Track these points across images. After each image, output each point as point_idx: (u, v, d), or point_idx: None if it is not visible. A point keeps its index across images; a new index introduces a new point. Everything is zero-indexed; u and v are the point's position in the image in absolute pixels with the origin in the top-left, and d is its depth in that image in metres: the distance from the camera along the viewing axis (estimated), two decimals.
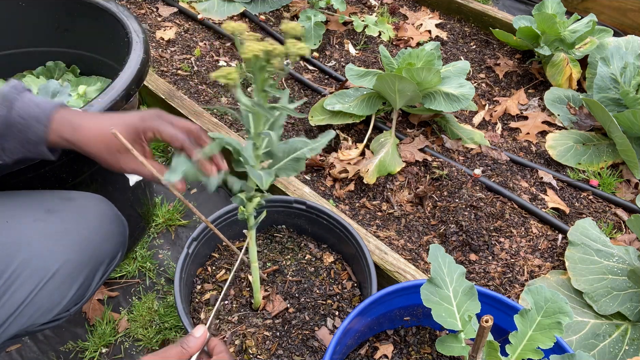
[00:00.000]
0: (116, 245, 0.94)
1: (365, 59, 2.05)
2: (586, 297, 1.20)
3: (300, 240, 1.26)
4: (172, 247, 1.45)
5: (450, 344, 0.82)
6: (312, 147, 0.85)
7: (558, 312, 0.80)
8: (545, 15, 1.81)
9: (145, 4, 2.24)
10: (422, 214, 1.49)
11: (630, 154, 1.55)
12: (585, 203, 1.52)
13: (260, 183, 0.77)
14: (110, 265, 0.94)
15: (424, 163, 1.58)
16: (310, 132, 1.73)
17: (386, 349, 1.04)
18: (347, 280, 1.19)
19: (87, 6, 1.25)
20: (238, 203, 0.88)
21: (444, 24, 2.27)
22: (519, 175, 1.60)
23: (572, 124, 1.76)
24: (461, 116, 1.83)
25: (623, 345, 1.14)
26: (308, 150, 0.85)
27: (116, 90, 1.00)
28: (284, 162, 0.85)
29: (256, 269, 1.02)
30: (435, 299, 0.86)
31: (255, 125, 0.77)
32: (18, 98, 0.77)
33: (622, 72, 1.67)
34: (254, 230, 0.94)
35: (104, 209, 0.95)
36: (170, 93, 1.65)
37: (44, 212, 0.86)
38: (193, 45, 2.04)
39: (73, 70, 1.38)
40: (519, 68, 2.02)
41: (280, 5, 2.26)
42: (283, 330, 1.09)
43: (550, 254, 1.37)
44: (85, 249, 0.86)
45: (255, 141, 0.79)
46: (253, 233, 0.95)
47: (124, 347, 1.25)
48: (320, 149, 0.86)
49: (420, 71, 1.50)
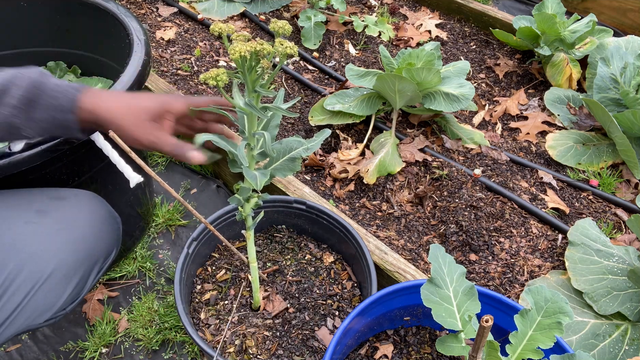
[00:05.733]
0: (110, 242, 0.93)
1: (365, 59, 2.05)
2: (586, 297, 1.20)
3: (300, 240, 1.26)
4: (172, 247, 1.46)
5: (451, 344, 0.82)
6: (307, 147, 0.85)
7: (558, 312, 0.80)
8: (545, 16, 1.81)
9: (145, 4, 2.24)
10: (422, 214, 1.49)
11: (630, 154, 1.55)
12: (585, 203, 1.52)
13: (255, 184, 0.77)
14: (105, 262, 0.93)
15: (424, 163, 1.58)
16: (310, 132, 1.73)
17: (386, 349, 1.04)
18: (347, 280, 1.19)
19: (88, 7, 1.25)
20: (235, 203, 0.88)
21: (444, 24, 2.27)
22: (519, 175, 1.60)
23: (572, 124, 1.76)
24: (461, 116, 1.83)
25: (623, 345, 1.14)
26: (303, 150, 0.85)
27: None
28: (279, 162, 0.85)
29: (255, 269, 1.02)
30: (436, 299, 0.86)
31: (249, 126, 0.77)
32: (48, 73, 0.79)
33: (622, 72, 1.67)
34: (252, 230, 0.94)
35: (96, 207, 0.94)
36: (170, 93, 1.65)
37: (34, 214, 0.85)
38: (193, 45, 2.04)
39: (74, 70, 1.38)
40: (519, 68, 2.03)
41: (280, 5, 2.26)
42: (283, 330, 1.09)
43: (550, 254, 1.37)
44: (79, 249, 0.86)
45: (249, 141, 0.79)
46: (251, 233, 0.95)
47: (124, 347, 1.25)
48: (315, 148, 0.86)
49: (420, 71, 1.50)
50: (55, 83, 0.78)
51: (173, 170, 1.66)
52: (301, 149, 0.85)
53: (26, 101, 0.75)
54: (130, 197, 1.28)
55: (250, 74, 0.69)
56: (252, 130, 0.77)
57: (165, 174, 1.65)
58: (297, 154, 0.85)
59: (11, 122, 0.76)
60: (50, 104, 0.77)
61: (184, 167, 1.68)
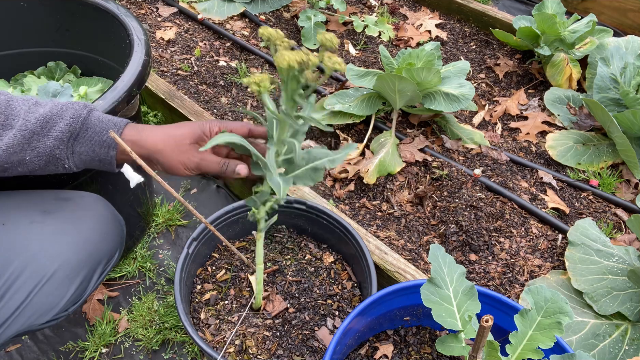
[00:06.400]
0: (114, 244, 0.94)
1: (365, 59, 2.05)
2: (586, 297, 1.20)
3: (300, 240, 1.26)
4: (172, 247, 1.46)
5: (451, 344, 0.82)
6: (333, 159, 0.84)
7: (558, 312, 0.80)
8: (545, 16, 1.81)
9: (145, 4, 2.24)
10: (422, 214, 1.49)
11: (630, 154, 1.55)
12: (585, 203, 1.52)
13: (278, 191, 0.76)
14: (108, 264, 0.94)
15: (424, 163, 1.58)
16: (310, 132, 1.73)
17: (386, 349, 1.04)
18: (347, 280, 1.19)
19: (88, 7, 1.25)
20: (251, 205, 0.88)
21: (444, 24, 2.27)
22: (519, 175, 1.60)
23: (572, 124, 1.76)
24: (461, 116, 1.83)
25: (623, 345, 1.14)
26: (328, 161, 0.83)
27: (117, 92, 1.00)
28: (301, 169, 0.83)
29: (261, 271, 1.02)
30: (436, 299, 0.86)
31: (280, 132, 0.77)
32: (93, 107, 0.81)
33: (622, 72, 1.67)
34: (263, 232, 0.93)
35: (100, 209, 0.94)
36: (170, 93, 1.65)
37: (40, 214, 0.86)
38: (193, 45, 2.04)
39: (74, 70, 1.38)
40: (519, 68, 2.03)
41: (280, 5, 2.26)
42: (283, 330, 1.09)
43: (550, 254, 1.37)
44: (83, 249, 0.86)
45: (277, 148, 0.78)
46: (262, 235, 0.94)
47: (124, 347, 1.25)
48: (340, 162, 0.84)
49: (420, 71, 1.50)
50: (98, 118, 0.80)
51: None
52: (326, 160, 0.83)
53: (70, 134, 0.77)
54: (131, 197, 1.28)
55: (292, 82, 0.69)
56: (282, 136, 0.77)
57: (165, 173, 1.65)
58: (321, 164, 0.83)
59: (53, 153, 0.77)
60: (93, 138, 0.79)
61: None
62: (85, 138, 0.79)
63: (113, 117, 0.82)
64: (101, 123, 0.79)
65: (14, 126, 0.74)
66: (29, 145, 0.75)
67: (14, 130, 0.74)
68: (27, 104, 0.77)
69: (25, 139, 0.74)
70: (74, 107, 0.78)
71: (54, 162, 0.78)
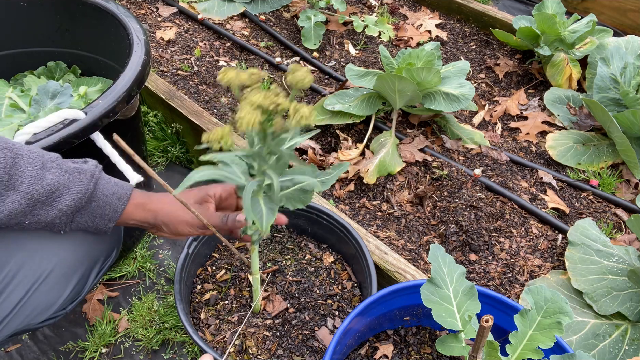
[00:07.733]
0: (111, 243, 0.94)
1: (365, 59, 2.05)
2: (586, 297, 1.20)
3: (300, 240, 1.26)
4: (172, 247, 1.46)
5: (451, 343, 0.82)
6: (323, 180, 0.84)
7: (558, 312, 0.80)
8: (545, 16, 1.81)
9: (145, 4, 2.24)
10: (422, 214, 1.49)
11: (630, 154, 1.55)
12: (585, 203, 1.52)
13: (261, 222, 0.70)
14: (106, 263, 0.94)
15: (424, 163, 1.58)
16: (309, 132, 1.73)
17: (386, 349, 1.04)
18: (347, 280, 1.19)
19: (88, 7, 1.25)
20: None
21: (444, 24, 2.27)
22: (519, 175, 1.60)
23: (572, 124, 1.76)
24: (461, 116, 1.83)
25: (623, 345, 1.14)
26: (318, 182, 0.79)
27: (117, 92, 1.00)
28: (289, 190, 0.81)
29: (257, 280, 1.02)
30: (436, 299, 0.86)
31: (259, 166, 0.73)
32: (100, 176, 0.82)
33: (622, 72, 1.67)
34: (257, 245, 0.94)
35: None
36: (170, 93, 1.65)
37: None
38: (193, 45, 2.04)
39: (74, 70, 1.38)
40: (519, 68, 2.03)
41: (280, 5, 2.26)
42: (283, 330, 1.09)
43: (550, 254, 1.37)
44: (80, 248, 0.86)
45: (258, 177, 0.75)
46: (256, 247, 0.95)
47: (124, 347, 1.25)
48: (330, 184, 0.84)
49: (420, 71, 1.50)
50: (103, 191, 0.81)
51: (173, 170, 1.66)
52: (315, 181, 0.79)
53: (74, 209, 0.78)
54: None
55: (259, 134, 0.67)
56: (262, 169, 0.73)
57: (165, 173, 1.65)
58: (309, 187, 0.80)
59: (53, 222, 0.78)
60: (96, 211, 0.81)
61: (183, 167, 1.68)
62: (87, 210, 0.80)
63: (117, 184, 0.83)
64: (106, 197, 0.81)
65: (17, 188, 0.73)
66: (30, 212, 0.75)
67: (17, 195, 0.73)
68: (34, 166, 0.75)
69: (29, 207, 0.74)
70: (80, 179, 0.78)
71: (51, 227, 0.79)
